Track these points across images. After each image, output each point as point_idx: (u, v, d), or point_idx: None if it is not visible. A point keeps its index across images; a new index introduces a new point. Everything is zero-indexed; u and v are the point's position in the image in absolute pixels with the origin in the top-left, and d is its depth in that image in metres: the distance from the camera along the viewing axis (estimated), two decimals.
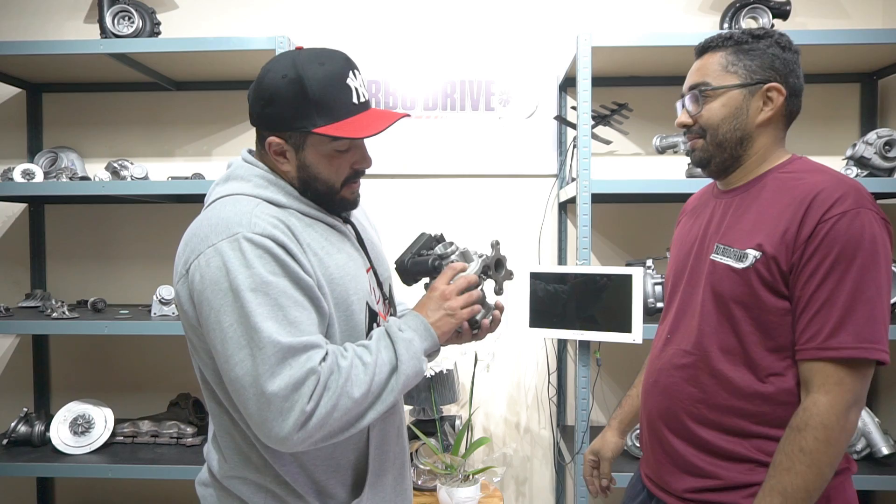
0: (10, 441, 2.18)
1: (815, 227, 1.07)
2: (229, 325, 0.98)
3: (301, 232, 1.06)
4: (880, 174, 1.96)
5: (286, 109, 1.06)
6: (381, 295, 1.22)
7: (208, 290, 0.99)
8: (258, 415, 0.97)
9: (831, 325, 1.06)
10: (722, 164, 1.23)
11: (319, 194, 1.12)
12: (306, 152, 1.09)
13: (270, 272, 0.99)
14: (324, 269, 1.07)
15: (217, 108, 2.48)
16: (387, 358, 1.04)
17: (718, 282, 1.17)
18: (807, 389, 1.09)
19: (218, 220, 1.03)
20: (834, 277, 1.06)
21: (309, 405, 0.96)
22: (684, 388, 1.22)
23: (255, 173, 1.11)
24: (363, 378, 1.01)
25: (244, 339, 0.97)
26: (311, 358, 0.98)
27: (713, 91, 1.20)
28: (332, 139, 1.07)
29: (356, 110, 1.07)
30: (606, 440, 1.54)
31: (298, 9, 2.46)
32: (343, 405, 0.99)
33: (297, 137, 1.08)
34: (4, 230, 2.53)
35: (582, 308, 1.94)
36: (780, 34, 1.21)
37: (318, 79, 1.05)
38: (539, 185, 2.45)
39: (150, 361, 2.50)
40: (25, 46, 2.05)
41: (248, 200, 1.06)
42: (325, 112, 1.05)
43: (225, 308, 0.98)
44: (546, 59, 2.42)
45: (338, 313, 1.09)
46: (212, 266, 0.99)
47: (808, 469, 1.05)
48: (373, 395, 1.02)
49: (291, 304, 0.99)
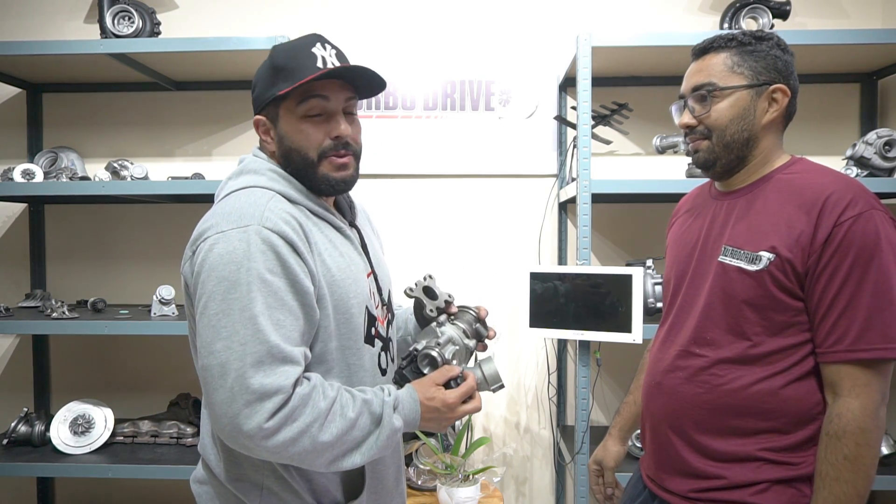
0: (10, 441, 2.18)
1: (832, 231, 1.08)
2: (214, 313, 0.98)
3: (311, 230, 1.07)
4: (880, 174, 1.96)
5: (260, 86, 1.11)
6: (380, 300, 1.22)
7: (205, 273, 1.00)
8: (227, 404, 0.95)
9: (858, 327, 1.07)
10: (727, 164, 1.23)
11: (299, 169, 1.11)
12: (280, 123, 1.11)
13: (269, 270, 0.99)
14: (326, 270, 1.07)
15: (217, 108, 2.48)
16: (367, 426, 1.04)
17: (729, 284, 1.17)
18: (835, 393, 1.10)
19: (231, 210, 1.03)
20: (854, 280, 1.07)
21: (269, 423, 0.95)
22: (689, 389, 1.22)
23: (267, 167, 1.12)
24: (336, 427, 1.00)
25: (225, 331, 0.97)
26: (286, 374, 0.97)
27: (721, 91, 1.20)
28: (297, 103, 1.08)
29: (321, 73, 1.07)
30: (608, 449, 1.55)
31: (298, 9, 2.46)
32: (304, 443, 0.98)
33: (271, 110, 1.11)
34: (4, 230, 2.53)
35: (582, 308, 1.94)
36: (779, 37, 1.22)
37: (282, 50, 1.10)
38: (539, 185, 2.45)
39: (150, 361, 2.50)
40: (26, 46, 2.05)
41: (262, 192, 1.06)
42: (287, 76, 1.07)
43: (215, 295, 0.98)
44: (546, 59, 2.42)
45: (336, 315, 1.09)
46: (215, 251, 0.99)
47: (855, 475, 1.07)
48: (341, 447, 1.01)
49: (279, 307, 0.99)
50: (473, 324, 1.26)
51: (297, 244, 1.02)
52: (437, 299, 1.25)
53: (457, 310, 1.27)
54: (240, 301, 0.97)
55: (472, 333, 1.25)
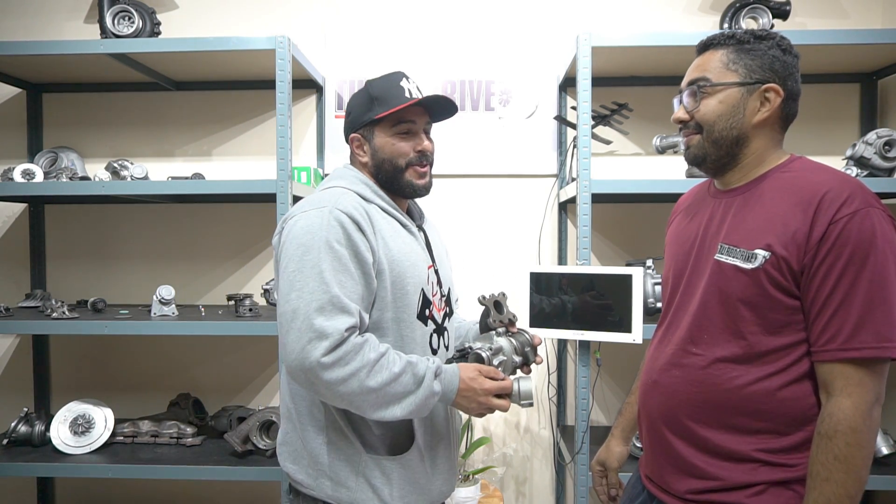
0: (10, 441, 2.18)
1: (827, 229, 1.07)
2: (292, 271, 1.22)
3: (377, 219, 1.31)
4: (880, 174, 1.96)
5: (357, 111, 1.40)
6: (439, 292, 1.42)
7: (287, 241, 1.26)
8: (295, 341, 1.17)
9: (851, 326, 1.07)
10: (717, 161, 1.23)
11: (389, 176, 1.38)
12: (375, 140, 1.38)
13: (336, 240, 1.22)
14: (387, 250, 1.29)
15: (217, 108, 2.48)
16: (409, 383, 1.23)
17: (726, 282, 1.17)
18: (827, 392, 1.10)
19: (316, 199, 1.29)
20: (848, 278, 1.07)
21: (325, 358, 1.16)
22: (685, 388, 1.22)
23: (351, 174, 1.39)
24: (382, 377, 1.20)
25: (298, 283, 1.20)
26: (342, 320, 1.18)
27: (712, 87, 1.20)
28: (392, 124, 1.37)
29: (410, 102, 1.35)
30: (611, 450, 1.55)
31: (298, 9, 2.46)
32: (353, 385, 1.18)
33: (367, 129, 1.39)
34: (4, 230, 2.54)
35: (582, 308, 1.94)
36: (782, 37, 1.21)
37: (377, 83, 1.39)
38: (539, 185, 2.45)
39: (150, 361, 2.51)
40: (26, 46, 2.05)
41: (341, 190, 1.32)
42: (382, 104, 1.36)
43: (294, 257, 1.22)
44: (546, 59, 2.42)
45: (393, 290, 1.30)
46: (298, 225, 1.25)
47: (846, 476, 1.06)
48: (384, 396, 1.21)
49: (342, 270, 1.22)
50: (525, 346, 1.42)
51: (361, 224, 1.25)
52: (503, 313, 1.43)
53: (516, 330, 1.45)
54: (311, 261, 1.21)
55: (521, 353, 1.42)
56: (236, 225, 2.46)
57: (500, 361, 1.34)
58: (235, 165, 2.49)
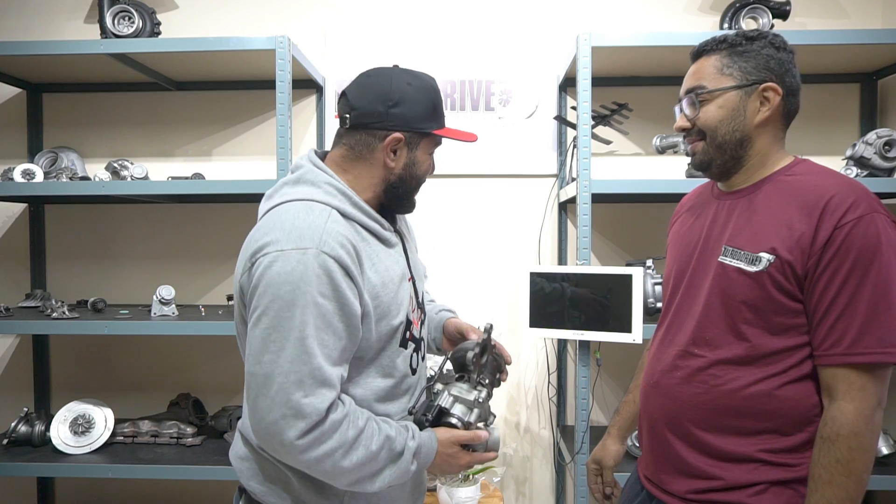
0: (10, 441, 2.18)
1: (832, 233, 1.07)
2: (266, 327, 1.05)
3: (360, 247, 1.13)
4: (880, 174, 1.96)
5: (415, 110, 1.18)
6: (416, 304, 1.30)
7: (262, 287, 1.06)
8: (267, 411, 1.04)
9: (855, 331, 1.07)
10: (723, 166, 1.23)
11: (405, 191, 1.23)
12: (418, 152, 1.22)
13: (321, 293, 1.05)
14: (371, 286, 1.14)
15: (217, 108, 2.48)
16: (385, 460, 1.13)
17: (729, 284, 1.17)
18: (830, 396, 1.10)
19: (292, 227, 1.08)
20: (853, 283, 1.07)
21: (300, 440, 1.04)
22: (687, 389, 1.22)
23: (324, 179, 1.16)
24: (358, 456, 1.09)
25: (274, 345, 1.04)
26: (323, 397, 1.05)
27: (709, 94, 1.20)
28: (435, 143, 1.24)
29: (465, 136, 1.26)
30: (607, 448, 1.55)
31: (298, 9, 2.46)
32: (327, 465, 1.07)
33: (414, 137, 1.20)
34: (4, 230, 2.53)
35: (582, 308, 1.94)
36: (774, 35, 1.21)
37: (436, 89, 1.23)
38: (539, 185, 2.45)
39: (150, 361, 2.51)
40: (26, 47, 2.05)
41: (320, 210, 1.12)
42: (439, 117, 1.23)
43: (269, 311, 1.05)
44: (546, 59, 2.42)
45: (378, 326, 1.17)
46: (274, 268, 1.05)
47: (848, 479, 1.06)
48: (357, 474, 1.11)
49: (325, 328, 1.06)
50: (496, 373, 1.36)
51: (350, 269, 1.08)
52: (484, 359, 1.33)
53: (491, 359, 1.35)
54: (291, 321, 1.03)
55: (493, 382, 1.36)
56: (236, 225, 2.46)
57: (478, 415, 1.27)
58: (235, 165, 2.49)
